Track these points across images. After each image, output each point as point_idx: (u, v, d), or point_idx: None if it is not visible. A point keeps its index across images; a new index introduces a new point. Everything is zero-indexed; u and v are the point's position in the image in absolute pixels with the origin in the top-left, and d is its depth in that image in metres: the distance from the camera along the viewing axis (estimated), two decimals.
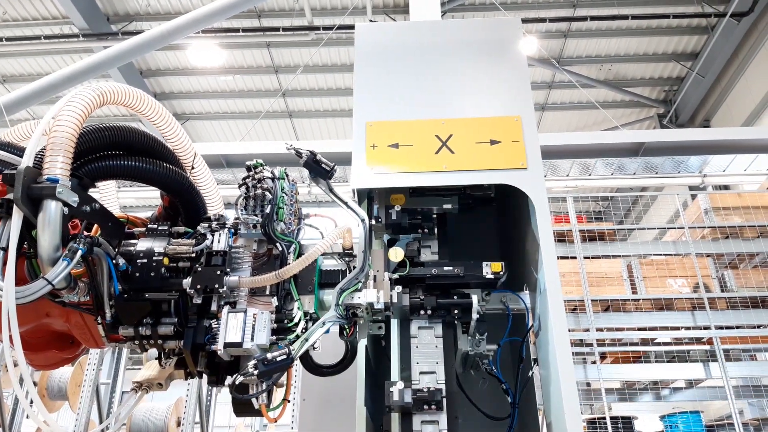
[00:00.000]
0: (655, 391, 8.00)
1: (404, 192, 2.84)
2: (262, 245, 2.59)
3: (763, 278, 7.58)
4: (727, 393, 6.95)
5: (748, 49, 12.80)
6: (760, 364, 7.77)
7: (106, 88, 2.32)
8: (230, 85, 14.71)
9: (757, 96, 12.59)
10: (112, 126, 2.43)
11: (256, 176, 2.57)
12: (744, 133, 9.07)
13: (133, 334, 2.40)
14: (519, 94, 2.90)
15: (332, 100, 15.09)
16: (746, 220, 7.85)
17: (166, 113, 2.75)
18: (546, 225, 2.58)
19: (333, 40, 12.57)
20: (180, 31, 9.39)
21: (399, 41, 3.11)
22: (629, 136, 9.26)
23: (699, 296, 7.40)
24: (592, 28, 13.21)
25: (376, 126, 2.82)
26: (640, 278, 7.68)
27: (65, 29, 12.65)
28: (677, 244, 7.89)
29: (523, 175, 2.68)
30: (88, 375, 7.16)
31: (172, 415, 7.04)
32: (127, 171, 2.45)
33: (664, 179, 9.56)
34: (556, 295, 2.46)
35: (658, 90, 14.97)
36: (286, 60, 14.02)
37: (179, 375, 2.83)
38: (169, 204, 2.76)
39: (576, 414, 2.26)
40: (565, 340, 2.38)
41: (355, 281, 2.50)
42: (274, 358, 2.25)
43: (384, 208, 2.81)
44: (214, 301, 2.45)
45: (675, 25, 13.22)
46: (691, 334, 7.32)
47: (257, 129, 14.46)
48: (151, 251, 2.45)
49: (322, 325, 2.43)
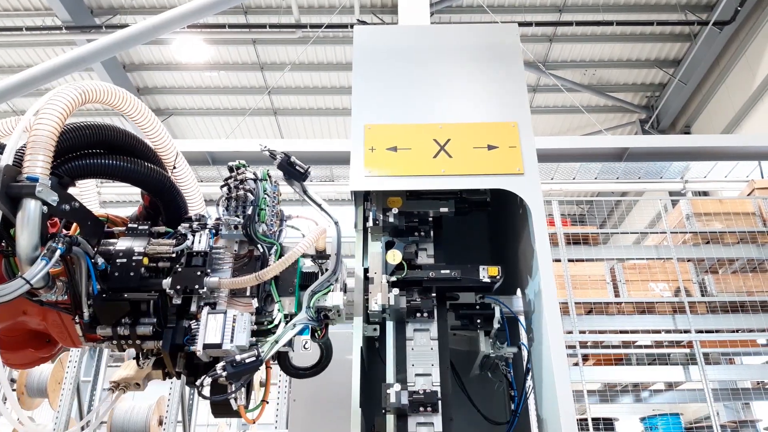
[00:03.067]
0: (635, 394, 8.08)
1: (401, 195, 2.86)
2: (243, 246, 2.59)
3: (742, 283, 7.68)
4: (706, 396, 7.04)
5: (729, 57, 12.98)
6: (737, 367, 7.88)
7: (88, 87, 2.29)
8: (215, 82, 14.59)
9: (738, 104, 12.77)
10: (93, 124, 2.40)
11: (238, 177, 2.57)
12: (726, 141, 9.20)
13: (111, 334, 2.37)
14: (516, 100, 2.94)
15: (318, 99, 15.03)
16: (727, 225, 7.95)
17: (148, 112, 2.72)
18: (542, 230, 2.61)
19: (320, 38, 12.53)
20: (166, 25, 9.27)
21: (397, 44, 3.12)
22: (614, 141, 9.35)
23: (680, 300, 7.49)
24: (578, 33, 13.30)
25: (374, 129, 2.84)
26: (623, 282, 7.76)
27: (48, 21, 12.47)
28: (659, 248, 7.98)
29: (519, 181, 2.71)
30: (69, 372, 7.07)
31: (154, 414, 6.96)
32: (107, 170, 2.42)
33: (646, 184, 9.66)
34: (551, 300, 2.48)
35: (640, 96, 15.11)
36: (272, 57, 13.95)
37: (157, 375, 2.80)
38: (149, 203, 2.73)
39: (571, 416, 2.27)
40: (560, 344, 2.42)
41: (327, 283, 2.50)
42: (243, 359, 2.24)
43: (381, 210, 2.82)
44: (193, 301, 2.43)
45: (658, 32, 13.36)
46: (672, 337, 7.40)
47: (241, 126, 14.36)
48: (130, 251, 2.42)
49: (292, 327, 2.41)
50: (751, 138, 9.41)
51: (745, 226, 7.92)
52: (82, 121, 2.40)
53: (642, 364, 7.62)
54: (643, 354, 7.67)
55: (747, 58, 12.50)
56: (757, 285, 7.65)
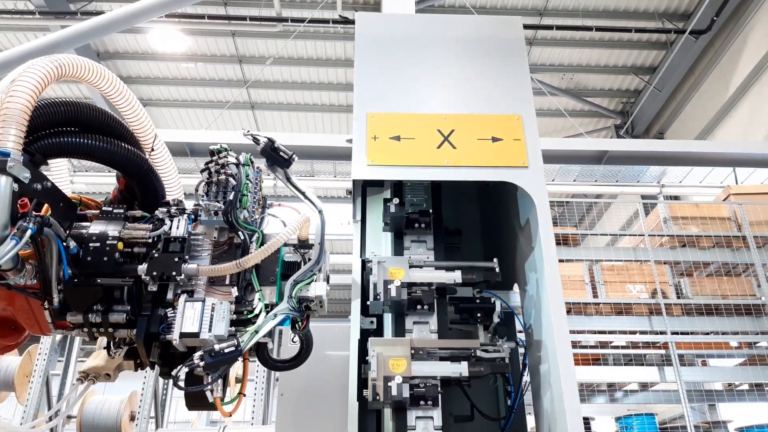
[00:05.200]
0: (610, 393, 8.13)
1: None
2: (223, 233, 2.49)
3: (717, 286, 7.78)
4: (680, 397, 7.10)
5: (704, 66, 13.19)
6: (710, 369, 7.98)
7: (65, 60, 2.17)
8: (192, 73, 14.35)
9: (710, 112, 12.98)
10: (68, 101, 2.28)
11: (219, 161, 2.47)
12: (704, 147, 9.35)
13: (81, 321, 2.26)
14: (520, 94, 2.91)
15: (297, 94, 14.88)
16: (703, 230, 8.05)
17: (127, 92, 2.60)
18: (547, 224, 2.57)
19: (301, 33, 12.40)
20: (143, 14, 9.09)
21: (400, 33, 3.07)
22: (594, 143, 9.42)
23: (656, 302, 7.55)
24: (557, 37, 13.38)
25: (377, 117, 2.78)
26: (601, 283, 7.80)
27: (20, 5, 12.10)
28: (637, 250, 8.04)
29: (524, 174, 2.68)
30: (38, 365, 6.84)
31: (126, 409, 6.74)
32: (82, 149, 2.30)
33: (624, 187, 9.74)
34: (557, 296, 2.44)
35: (616, 101, 15.29)
36: (251, 50, 13.76)
37: (129, 366, 2.68)
38: (125, 187, 2.61)
39: (577, 413, 2.23)
40: (566, 340, 2.37)
41: (310, 273, 2.42)
42: (221, 349, 2.16)
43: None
44: (170, 289, 2.34)
45: (636, 40, 13.51)
46: (648, 338, 7.46)
47: (218, 120, 14.15)
48: (104, 235, 2.30)
49: (273, 318, 2.33)
50: (729, 145, 9.56)
51: (720, 230, 8.03)
52: (56, 97, 2.27)
53: (618, 364, 7.66)
54: (620, 354, 7.71)
55: (721, 67, 12.72)
56: (731, 288, 7.76)
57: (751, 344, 7.74)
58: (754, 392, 7.77)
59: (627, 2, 12.76)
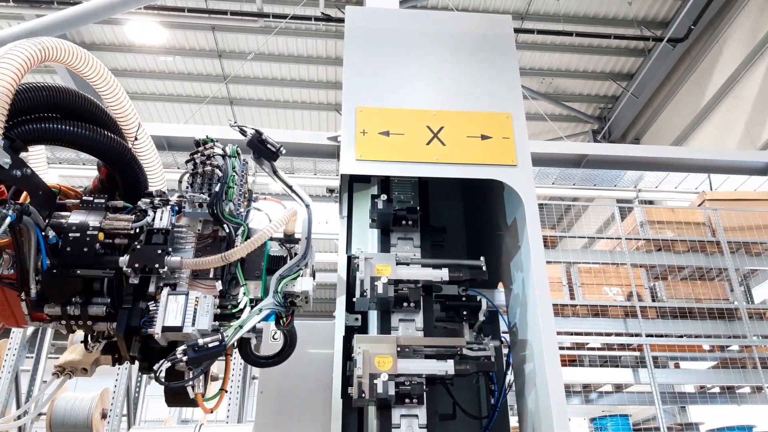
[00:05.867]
0: (585, 394, 8.20)
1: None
2: (207, 226, 2.43)
3: (690, 290, 7.90)
4: (654, 398, 7.19)
5: (680, 74, 13.42)
6: (683, 371, 8.09)
7: (49, 43, 2.10)
8: (170, 66, 14.15)
9: (686, 120, 13.21)
10: (50, 85, 2.20)
11: (205, 152, 2.41)
12: (681, 153, 9.52)
13: (60, 313, 2.19)
14: (510, 92, 2.91)
15: (276, 91, 14.77)
16: (678, 234, 8.16)
17: (112, 79, 2.54)
18: (535, 224, 2.56)
19: (282, 29, 12.30)
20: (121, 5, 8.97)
21: (391, 28, 3.04)
22: (573, 147, 9.51)
23: (632, 305, 7.63)
24: (538, 41, 13.48)
25: (366, 112, 2.75)
26: (578, 285, 7.86)
27: None
28: (614, 253, 8.12)
29: (513, 172, 2.67)
30: (8, 361, 6.67)
31: (97, 406, 6.61)
32: (64, 136, 2.23)
33: (601, 191, 9.86)
34: (544, 295, 2.44)
35: (594, 106, 15.47)
36: (231, 45, 13.62)
37: (106, 360, 2.60)
38: (106, 177, 2.54)
39: (563, 410, 2.22)
40: (553, 339, 2.36)
41: (296, 268, 2.38)
42: (205, 344, 2.11)
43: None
44: (152, 282, 2.28)
45: (614, 46, 13.70)
46: (623, 340, 7.54)
47: (195, 115, 13.98)
48: (85, 225, 2.23)
49: (258, 312, 2.29)
50: (704, 152, 9.73)
51: (695, 235, 8.14)
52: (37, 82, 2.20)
53: (594, 365, 7.73)
54: (596, 356, 7.78)
55: (697, 75, 12.95)
56: (704, 292, 7.88)
57: (722, 347, 7.86)
58: (725, 395, 7.90)
59: (607, 9, 12.92)
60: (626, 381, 7.72)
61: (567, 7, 12.84)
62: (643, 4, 12.73)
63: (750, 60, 11.42)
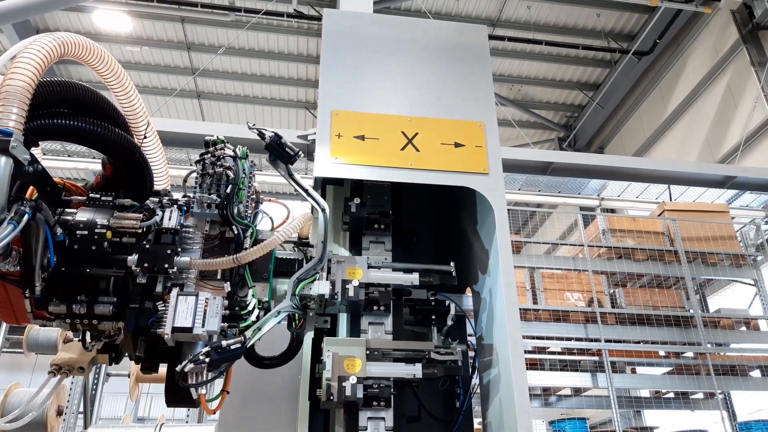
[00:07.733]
0: (544, 398, 8.41)
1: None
2: (214, 227, 2.43)
3: (649, 297, 8.19)
4: (611, 402, 7.44)
5: (644, 86, 13.88)
6: (640, 376, 8.36)
7: (68, 39, 2.09)
8: (136, 57, 13.88)
9: (648, 130, 13.67)
10: (64, 81, 2.19)
11: (216, 153, 2.42)
12: (644, 164, 9.80)
13: (65, 311, 2.17)
14: (484, 101, 2.94)
15: (246, 86, 14.65)
16: (638, 243, 8.46)
17: (124, 76, 2.55)
18: (504, 231, 2.62)
19: (254, 24, 12.20)
20: None
21: (369, 32, 3.04)
22: (540, 155, 9.71)
23: (592, 310, 7.87)
24: (508, 48, 13.74)
25: (342, 115, 2.75)
26: (541, 290, 8.06)
27: None
28: (576, 260, 8.34)
29: (484, 180, 2.71)
30: None
31: (53, 403, 6.44)
32: (76, 132, 2.22)
33: (565, 198, 10.11)
34: (512, 300, 2.49)
35: (560, 115, 15.84)
36: (201, 38, 13.45)
37: (103, 359, 2.59)
38: (111, 174, 2.52)
39: (527, 414, 2.30)
40: (519, 344, 2.43)
41: (313, 272, 2.41)
42: (228, 346, 2.13)
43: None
44: (159, 282, 2.27)
45: (582, 56, 14.07)
46: (583, 345, 7.77)
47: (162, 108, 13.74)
48: (92, 223, 2.23)
49: (276, 315, 2.33)
50: (665, 163, 10.07)
51: (654, 244, 8.46)
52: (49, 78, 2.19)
53: (554, 369, 7.93)
54: (556, 360, 7.98)
55: (661, 88, 13.41)
56: (661, 300, 8.19)
57: (678, 354, 8.18)
58: (679, 400, 8.23)
59: (576, 19, 13.26)
60: (585, 385, 7.95)
61: (538, 15, 13.13)
62: (611, 17, 13.12)
63: (712, 75, 11.89)
